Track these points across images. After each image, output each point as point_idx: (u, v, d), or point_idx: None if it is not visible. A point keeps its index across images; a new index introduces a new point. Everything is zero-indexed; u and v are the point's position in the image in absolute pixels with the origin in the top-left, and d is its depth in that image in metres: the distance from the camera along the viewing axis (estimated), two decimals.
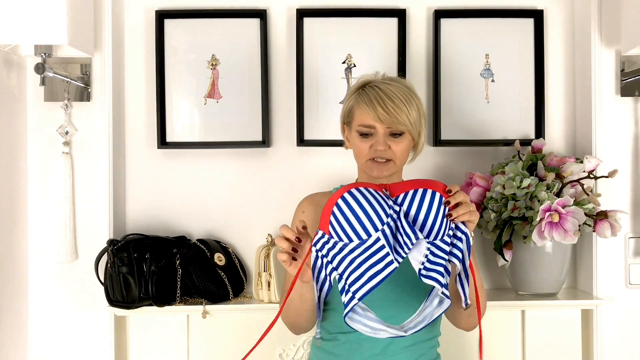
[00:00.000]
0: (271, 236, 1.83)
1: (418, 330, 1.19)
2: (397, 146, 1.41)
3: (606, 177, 1.75)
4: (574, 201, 1.68)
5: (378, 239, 1.13)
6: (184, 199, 1.94)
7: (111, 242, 1.74)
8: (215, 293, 1.78)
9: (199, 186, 1.94)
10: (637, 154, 1.91)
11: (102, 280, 1.75)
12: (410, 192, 1.19)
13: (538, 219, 1.63)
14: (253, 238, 1.92)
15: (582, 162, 1.75)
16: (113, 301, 1.74)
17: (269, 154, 1.95)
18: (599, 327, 1.82)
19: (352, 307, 1.11)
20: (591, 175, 1.74)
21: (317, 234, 1.17)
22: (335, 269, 1.15)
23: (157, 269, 1.73)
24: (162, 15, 1.91)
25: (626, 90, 1.90)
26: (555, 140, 1.97)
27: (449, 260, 1.18)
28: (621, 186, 1.90)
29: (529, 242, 1.70)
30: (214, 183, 1.95)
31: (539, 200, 1.67)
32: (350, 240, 1.15)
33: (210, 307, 1.77)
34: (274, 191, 1.94)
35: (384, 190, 1.20)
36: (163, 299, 1.75)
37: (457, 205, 1.20)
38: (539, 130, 1.93)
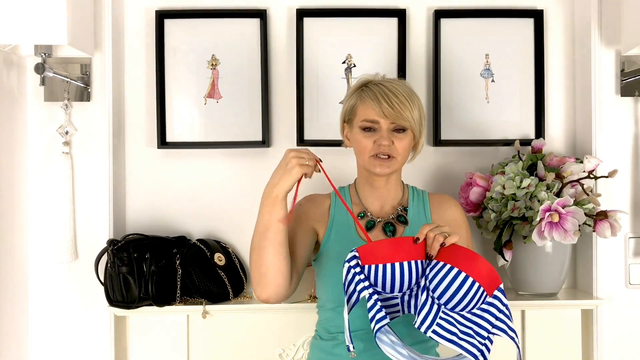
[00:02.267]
0: None
1: None
2: (400, 142, 1.42)
3: (606, 177, 1.75)
4: (574, 201, 1.68)
5: (395, 297, 1.27)
6: (184, 199, 1.94)
7: (111, 242, 1.74)
8: (215, 293, 1.78)
9: (199, 186, 1.94)
10: (637, 154, 1.91)
11: (102, 280, 1.75)
12: (447, 268, 1.22)
13: (538, 219, 1.63)
14: None
15: (582, 162, 1.75)
16: (113, 301, 1.74)
17: (269, 154, 1.95)
18: (599, 327, 1.82)
19: (383, 325, 1.19)
20: (591, 175, 1.74)
21: (353, 252, 1.25)
22: (366, 288, 1.22)
23: (157, 269, 1.73)
24: (162, 15, 1.91)
25: (626, 90, 1.90)
26: (555, 140, 1.97)
27: (493, 333, 1.22)
28: (621, 186, 1.90)
29: (529, 242, 1.70)
30: (214, 183, 1.95)
31: (539, 200, 1.67)
32: (376, 286, 1.25)
33: (210, 307, 1.77)
34: None
35: (423, 261, 1.26)
36: (163, 299, 1.75)
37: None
38: (539, 130, 1.93)
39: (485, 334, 1.21)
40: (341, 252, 1.32)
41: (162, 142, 1.91)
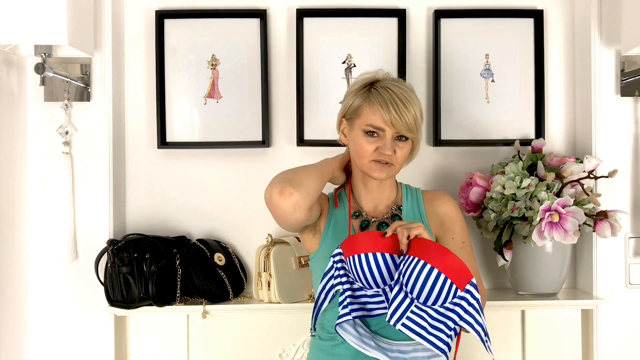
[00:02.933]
0: (271, 236, 1.83)
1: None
2: (401, 151, 1.42)
3: (606, 177, 1.75)
4: (574, 201, 1.68)
5: (378, 292, 1.33)
6: (184, 199, 1.94)
7: (111, 242, 1.74)
8: (215, 293, 1.78)
9: (199, 186, 1.94)
10: (637, 154, 1.91)
11: (102, 280, 1.75)
12: (420, 264, 1.22)
13: (538, 219, 1.63)
14: (253, 238, 1.92)
15: (582, 162, 1.75)
16: (113, 301, 1.74)
17: (269, 154, 1.95)
18: (599, 327, 1.82)
19: (344, 321, 1.31)
20: (591, 175, 1.74)
21: (338, 249, 1.36)
22: (342, 284, 1.34)
23: (157, 269, 1.73)
24: (162, 15, 1.91)
25: (626, 90, 1.90)
26: (555, 140, 1.97)
27: (459, 326, 1.24)
28: (621, 186, 1.90)
29: (529, 242, 1.70)
30: (214, 183, 1.95)
31: (539, 200, 1.67)
32: (359, 281, 1.32)
33: (210, 307, 1.77)
34: None
35: (398, 256, 1.29)
36: (163, 299, 1.75)
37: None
38: (539, 130, 1.93)
39: (452, 325, 1.24)
40: None
41: (162, 142, 1.91)
